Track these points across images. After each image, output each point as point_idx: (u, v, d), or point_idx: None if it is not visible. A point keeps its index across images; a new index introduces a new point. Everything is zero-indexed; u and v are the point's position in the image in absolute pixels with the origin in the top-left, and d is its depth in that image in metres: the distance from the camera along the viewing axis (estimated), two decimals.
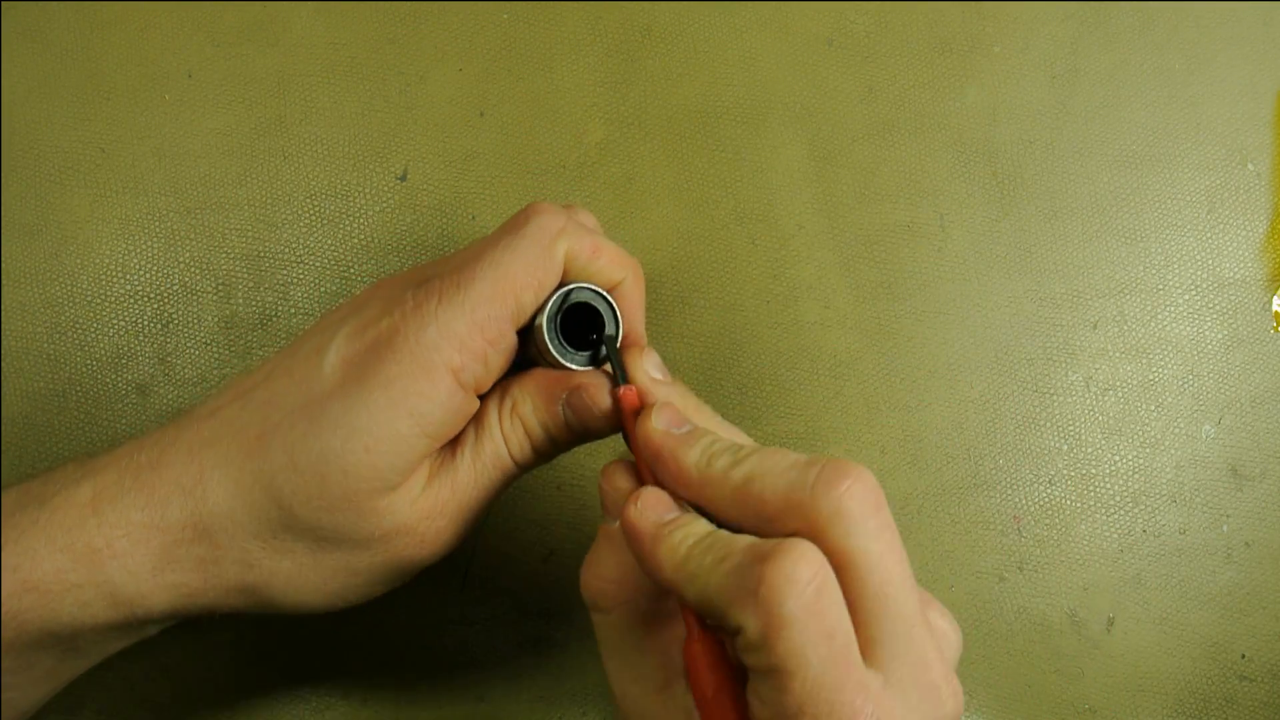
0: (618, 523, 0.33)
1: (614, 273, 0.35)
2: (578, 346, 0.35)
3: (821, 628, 0.27)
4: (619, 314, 0.35)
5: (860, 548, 0.28)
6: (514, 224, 0.34)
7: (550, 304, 0.34)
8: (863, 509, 0.28)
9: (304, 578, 0.33)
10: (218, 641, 0.44)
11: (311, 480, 0.32)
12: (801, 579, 0.27)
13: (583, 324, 0.35)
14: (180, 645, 0.43)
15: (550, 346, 0.34)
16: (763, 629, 0.27)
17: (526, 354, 0.36)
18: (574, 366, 0.35)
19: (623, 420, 0.34)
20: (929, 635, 0.29)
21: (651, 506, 0.31)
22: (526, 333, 0.35)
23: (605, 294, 0.35)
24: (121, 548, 0.32)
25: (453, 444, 0.35)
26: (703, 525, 0.30)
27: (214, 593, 0.33)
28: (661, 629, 0.32)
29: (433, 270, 0.35)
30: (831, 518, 0.28)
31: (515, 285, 0.33)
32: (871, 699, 0.27)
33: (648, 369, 0.35)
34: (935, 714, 0.28)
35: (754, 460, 0.30)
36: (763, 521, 0.30)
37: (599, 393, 0.34)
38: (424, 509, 0.33)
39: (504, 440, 0.35)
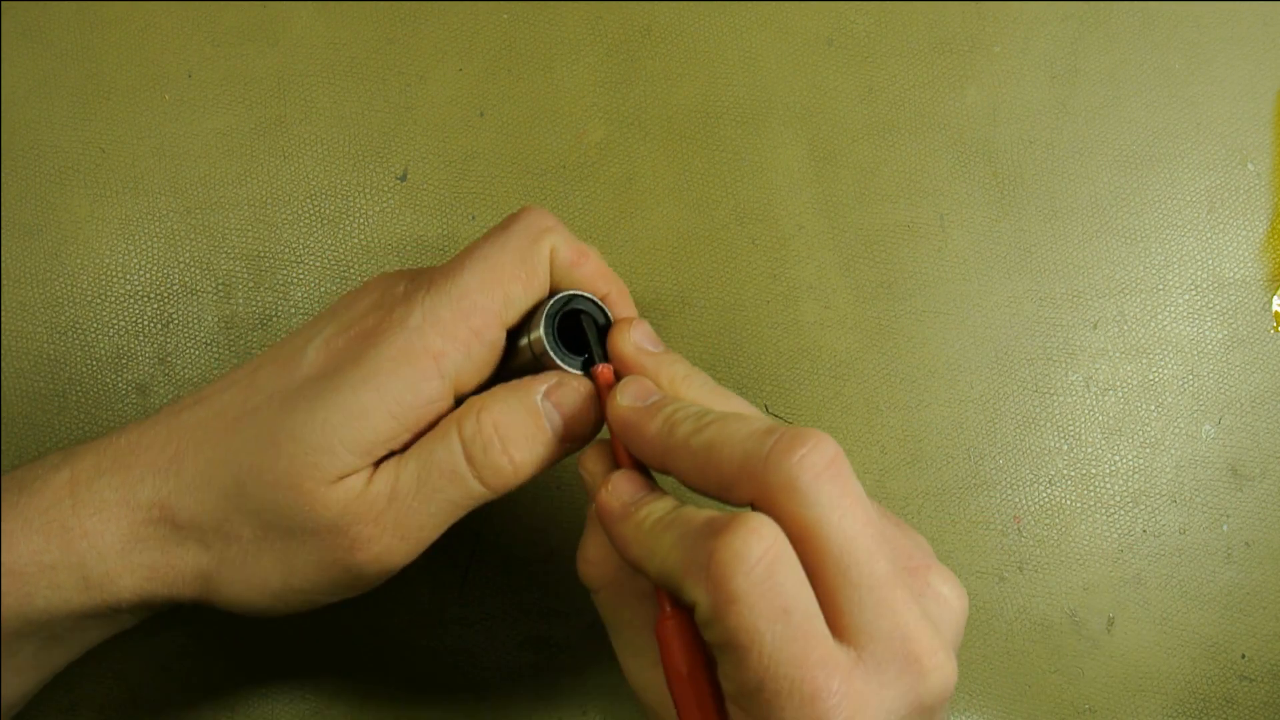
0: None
1: (597, 284, 0.36)
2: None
3: (775, 604, 0.26)
4: (613, 322, 0.35)
5: (816, 518, 0.27)
6: (503, 223, 0.35)
7: (550, 305, 0.35)
8: (817, 478, 0.27)
9: (246, 568, 0.33)
10: (218, 641, 0.44)
11: (267, 456, 0.32)
12: (751, 555, 0.26)
13: (573, 337, 0.35)
14: (180, 645, 0.43)
15: (548, 347, 0.34)
16: (712, 605, 0.26)
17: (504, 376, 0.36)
18: (571, 370, 0.35)
19: (600, 397, 0.34)
20: (910, 603, 0.28)
21: (621, 487, 0.32)
22: (508, 356, 0.35)
23: (601, 304, 0.36)
24: (92, 526, 0.32)
25: (402, 452, 0.33)
26: (667, 502, 0.30)
27: (172, 575, 0.33)
28: (650, 605, 0.33)
29: (431, 269, 0.36)
30: (784, 488, 0.27)
31: (503, 276, 0.33)
32: (837, 674, 0.26)
33: (637, 340, 0.34)
34: (916, 688, 0.27)
35: (715, 428, 0.30)
36: (723, 490, 0.29)
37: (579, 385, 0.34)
38: (356, 510, 0.32)
39: (462, 448, 0.33)
